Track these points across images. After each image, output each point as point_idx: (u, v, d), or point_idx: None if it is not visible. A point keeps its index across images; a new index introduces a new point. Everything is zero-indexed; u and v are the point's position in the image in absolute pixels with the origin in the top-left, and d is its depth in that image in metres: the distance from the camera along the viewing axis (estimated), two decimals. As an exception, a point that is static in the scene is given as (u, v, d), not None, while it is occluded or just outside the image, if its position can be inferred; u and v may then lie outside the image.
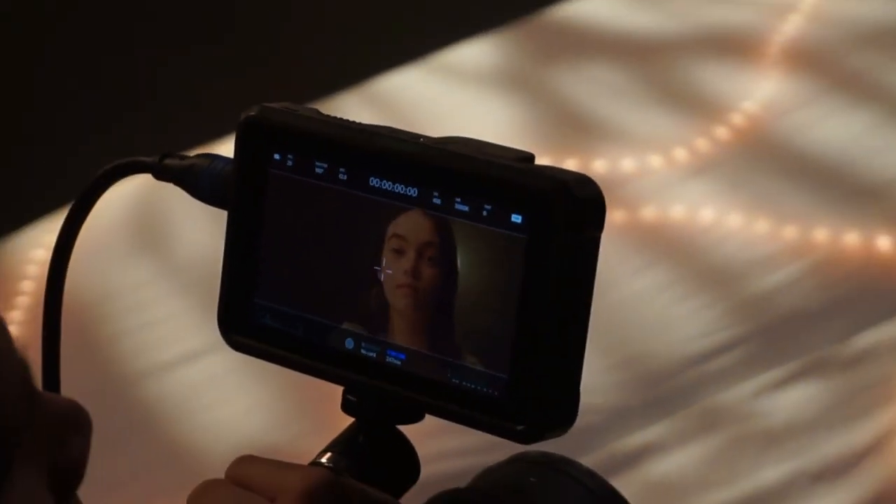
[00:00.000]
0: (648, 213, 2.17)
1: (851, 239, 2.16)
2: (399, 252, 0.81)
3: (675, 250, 2.16)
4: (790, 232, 2.18)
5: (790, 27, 2.56)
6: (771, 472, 1.82)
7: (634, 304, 2.01)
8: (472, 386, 0.79)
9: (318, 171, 0.83)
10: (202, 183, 0.89)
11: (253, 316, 0.88)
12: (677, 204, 2.22)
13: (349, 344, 0.83)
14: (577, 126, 2.38)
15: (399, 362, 0.82)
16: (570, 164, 2.24)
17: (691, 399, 1.96)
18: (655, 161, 2.27)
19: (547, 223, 0.75)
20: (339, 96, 2.52)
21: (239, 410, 1.94)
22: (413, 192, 0.80)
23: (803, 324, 2.05)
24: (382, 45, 2.65)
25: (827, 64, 2.47)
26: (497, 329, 0.78)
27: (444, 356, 0.80)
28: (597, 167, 2.27)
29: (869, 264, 2.14)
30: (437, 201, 0.79)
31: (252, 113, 0.86)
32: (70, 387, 0.77)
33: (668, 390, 1.98)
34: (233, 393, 1.95)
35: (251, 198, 0.87)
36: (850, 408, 1.89)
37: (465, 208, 0.77)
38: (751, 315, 2.07)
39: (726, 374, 1.99)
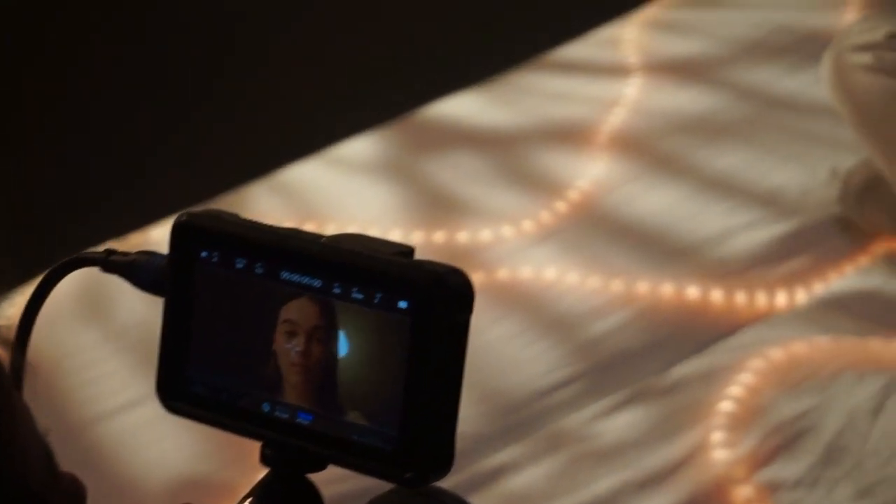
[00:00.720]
0: (502, 273, 2.19)
1: (667, 290, 2.17)
2: (292, 334, 0.84)
3: (524, 304, 2.16)
4: (617, 285, 2.17)
5: (615, 118, 2.58)
6: (604, 483, 1.81)
7: (492, 348, 2.00)
8: (367, 441, 0.81)
9: (238, 265, 0.86)
10: (143, 276, 0.92)
11: (185, 385, 0.90)
12: (525, 265, 2.22)
13: (266, 407, 0.86)
14: (444, 204, 2.39)
15: (307, 422, 0.85)
16: (439, 236, 2.29)
17: (539, 425, 1.94)
18: (507, 231, 2.27)
19: (427, 308, 0.79)
20: (251, 186, 2.49)
21: (172, 448, 1.92)
22: (318, 283, 0.83)
23: (628, 360, 2.05)
24: (286, 141, 2.64)
25: (645, 148, 2.50)
26: (387, 394, 0.81)
27: (340, 417, 0.83)
28: (460, 237, 2.27)
29: (681, 310, 2.14)
30: (336, 290, 0.81)
31: (183, 218, 0.88)
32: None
33: (520, 418, 1.96)
34: (167, 434, 1.93)
35: (183, 288, 0.89)
36: (666, 428, 1.90)
37: (361, 296, 0.81)
38: (586, 355, 2.07)
39: (567, 403, 1.97)
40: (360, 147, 2.61)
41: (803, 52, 2.63)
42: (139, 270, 0.92)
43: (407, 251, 0.85)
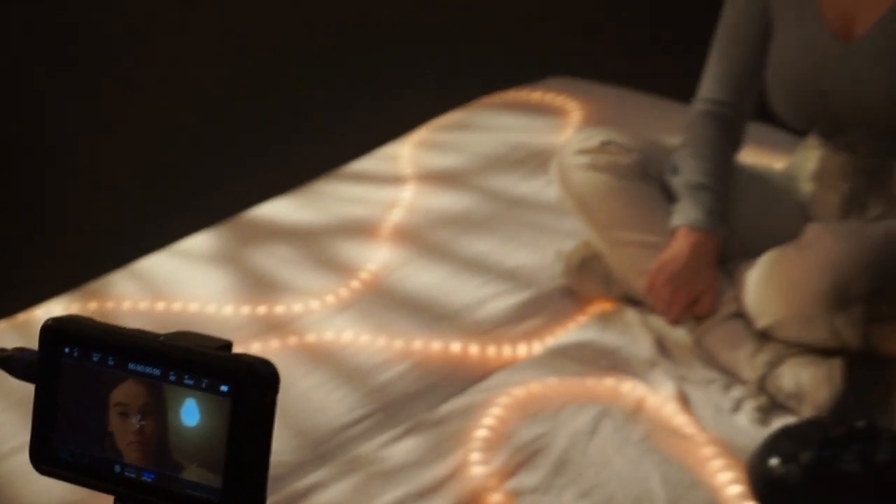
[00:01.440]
0: (311, 337, 2.19)
1: (436, 346, 2.18)
2: (125, 414, 0.86)
3: (328, 360, 2.17)
4: (398, 343, 2.19)
5: (395, 216, 2.61)
6: (391, 496, 1.81)
7: (304, 395, 2.00)
8: (199, 494, 0.84)
9: (94, 358, 0.87)
10: (18, 367, 0.92)
11: (53, 452, 0.89)
12: (329, 330, 2.22)
13: (117, 469, 0.87)
14: (266, 285, 2.38)
15: (150, 480, 0.86)
16: (262, 309, 2.29)
17: (340, 453, 1.93)
18: (314, 304, 2.28)
19: (243, 391, 0.81)
20: (115, 273, 2.47)
21: (54, 483, 1.90)
22: (157, 371, 0.84)
23: (407, 401, 2.05)
24: (140, 238, 2.62)
25: (418, 238, 2.53)
26: (212, 456, 0.83)
27: (177, 474, 0.85)
28: (278, 310, 2.27)
29: (447, 361, 2.16)
30: (172, 377, 0.83)
31: (49, 323, 0.89)
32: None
33: (325, 448, 1.95)
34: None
35: (50, 376, 0.89)
36: (437, 451, 1.92)
37: (192, 381, 0.83)
38: (376, 398, 2.07)
39: (362, 435, 1.97)
40: (200, 241, 2.57)
41: (534, 164, 2.71)
42: (15, 364, 0.93)
43: (227, 345, 0.86)
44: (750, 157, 2.27)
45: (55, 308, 2.36)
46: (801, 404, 1.92)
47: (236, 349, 0.90)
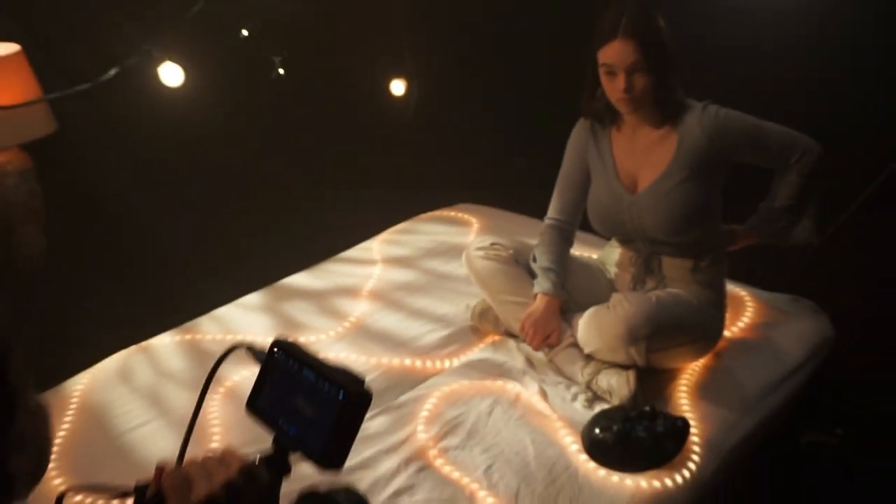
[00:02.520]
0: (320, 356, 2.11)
1: (395, 361, 2.13)
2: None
3: None
4: (373, 360, 2.10)
5: (370, 283, 2.54)
6: (370, 451, 1.74)
7: None
8: (310, 450, 0.85)
9: (289, 362, 0.90)
10: (259, 355, 0.94)
11: (256, 403, 0.91)
12: (330, 352, 2.11)
13: (280, 421, 0.88)
14: (293, 324, 2.26)
15: (293, 433, 0.87)
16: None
17: None
18: (322, 336, 2.18)
19: (351, 398, 0.83)
20: (199, 318, 2.35)
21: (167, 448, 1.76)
22: (312, 376, 0.88)
23: (380, 394, 1.97)
24: (215, 295, 2.49)
25: (384, 297, 2.43)
26: (321, 429, 0.84)
27: (298, 435, 0.86)
28: (301, 340, 2.13)
29: (404, 371, 2.09)
30: (320, 383, 0.86)
31: (277, 339, 0.92)
32: None
33: None
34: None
35: (268, 364, 0.92)
36: (398, 424, 1.83)
37: (326, 386, 0.85)
38: None
39: None
40: (252, 298, 2.44)
41: (452, 254, 2.66)
42: (259, 354, 0.95)
43: (361, 380, 0.86)
44: (577, 250, 2.25)
45: (167, 338, 2.29)
46: (612, 397, 1.90)
47: None
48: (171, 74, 2.59)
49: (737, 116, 1.89)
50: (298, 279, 2.62)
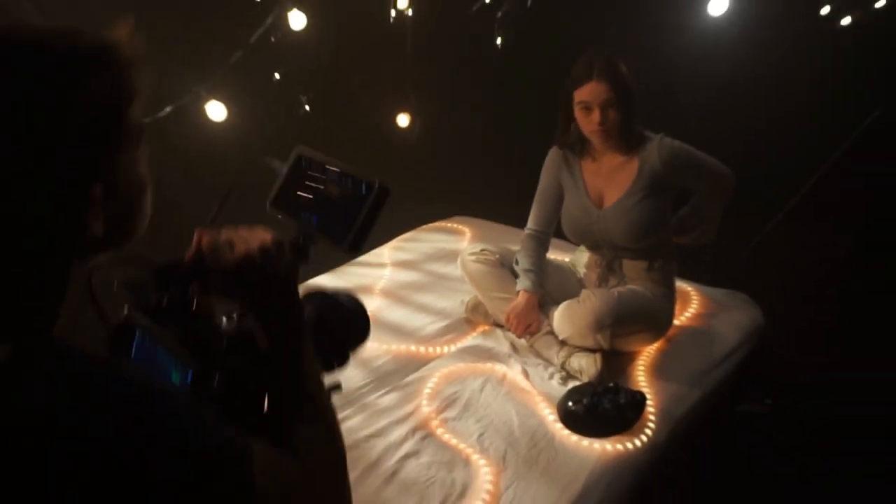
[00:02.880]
0: None
1: (403, 348, 2.10)
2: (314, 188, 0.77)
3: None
4: (385, 346, 2.06)
5: (381, 283, 2.48)
6: (383, 422, 1.74)
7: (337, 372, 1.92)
8: (334, 235, 0.76)
9: (309, 168, 0.81)
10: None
11: (282, 200, 0.82)
12: None
13: (303, 215, 0.79)
14: None
15: (314, 221, 0.78)
16: None
17: (358, 400, 1.80)
18: None
19: (379, 188, 0.75)
20: None
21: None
22: (338, 170, 0.78)
23: (390, 374, 1.96)
24: None
25: (393, 294, 2.33)
26: (349, 215, 0.74)
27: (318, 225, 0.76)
28: None
29: (410, 355, 2.06)
30: (345, 177, 0.77)
31: (300, 148, 0.82)
32: None
33: (351, 397, 1.80)
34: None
35: (292, 172, 0.81)
36: (405, 399, 1.81)
37: (352, 179, 0.77)
38: (375, 373, 1.93)
39: (369, 391, 1.84)
40: None
41: (449, 258, 2.61)
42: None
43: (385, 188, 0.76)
44: (552, 254, 2.25)
45: None
46: (582, 375, 1.90)
47: None
48: (215, 111, 2.63)
49: (685, 148, 1.92)
50: (324, 279, 2.60)
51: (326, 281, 2.58)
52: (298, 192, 0.81)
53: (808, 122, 2.73)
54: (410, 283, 2.50)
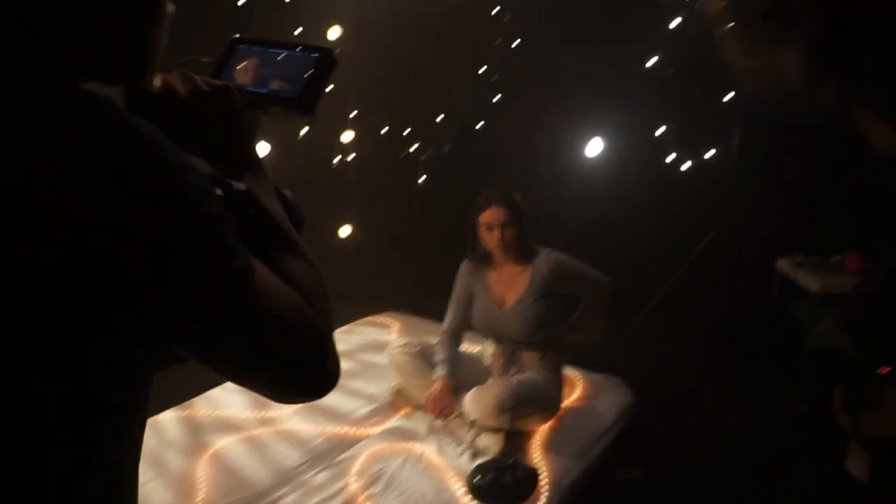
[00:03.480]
0: (284, 426, 1.91)
1: (335, 429, 2.04)
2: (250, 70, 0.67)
3: (291, 437, 1.91)
4: (320, 428, 2.00)
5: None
6: (317, 498, 1.68)
7: (279, 452, 1.73)
8: (286, 95, 0.65)
9: (242, 47, 0.69)
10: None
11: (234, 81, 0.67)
12: (290, 424, 1.99)
13: (251, 88, 0.67)
14: (262, 404, 2.06)
15: (265, 91, 0.66)
16: (262, 413, 1.95)
17: (294, 477, 1.72)
18: (286, 411, 2.03)
19: (324, 56, 0.66)
20: (197, 398, 2.17)
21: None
22: (282, 48, 0.68)
23: (323, 454, 1.91)
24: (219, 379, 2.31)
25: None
26: (296, 78, 0.64)
27: (268, 91, 0.65)
28: (269, 415, 1.95)
29: (341, 436, 2.00)
30: (288, 49, 0.67)
31: (236, 35, 0.69)
32: None
33: (288, 476, 1.73)
34: None
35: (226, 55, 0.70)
36: (336, 478, 1.76)
37: (299, 50, 0.66)
38: (310, 452, 1.86)
39: (304, 470, 1.77)
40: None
41: (379, 349, 2.45)
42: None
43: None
44: (464, 347, 2.27)
45: (171, 414, 2.14)
46: (488, 454, 1.89)
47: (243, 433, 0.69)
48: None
49: (569, 260, 2.05)
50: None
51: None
52: (238, 71, 0.70)
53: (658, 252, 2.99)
54: (345, 371, 2.28)
